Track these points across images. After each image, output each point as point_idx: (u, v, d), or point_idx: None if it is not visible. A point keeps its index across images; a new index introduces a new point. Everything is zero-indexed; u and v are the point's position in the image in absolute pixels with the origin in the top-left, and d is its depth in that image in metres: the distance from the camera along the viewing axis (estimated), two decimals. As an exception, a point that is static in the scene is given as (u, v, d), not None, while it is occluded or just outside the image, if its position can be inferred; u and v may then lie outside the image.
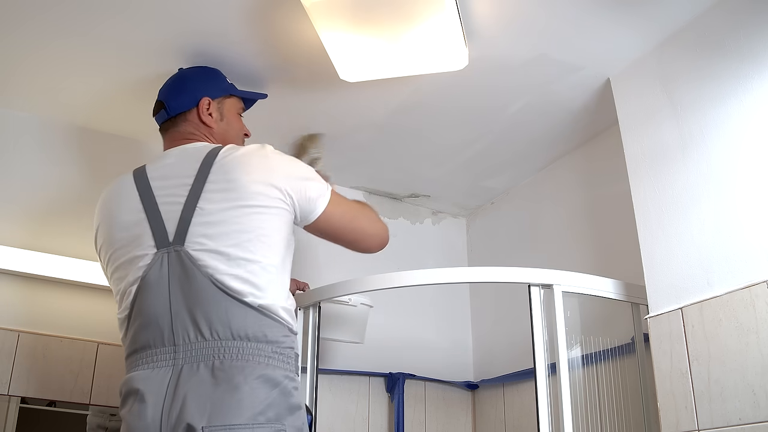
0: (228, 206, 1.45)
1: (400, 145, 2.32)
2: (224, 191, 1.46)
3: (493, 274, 1.86)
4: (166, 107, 1.68)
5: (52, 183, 2.12)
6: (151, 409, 1.32)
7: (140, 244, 1.46)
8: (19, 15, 1.70)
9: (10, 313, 1.94)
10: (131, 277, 1.45)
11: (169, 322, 1.39)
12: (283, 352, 1.40)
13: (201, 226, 1.43)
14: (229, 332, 1.36)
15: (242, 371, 1.33)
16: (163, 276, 1.42)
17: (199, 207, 1.45)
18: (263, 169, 1.50)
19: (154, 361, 1.38)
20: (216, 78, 1.79)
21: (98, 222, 1.59)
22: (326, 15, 1.59)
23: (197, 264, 1.40)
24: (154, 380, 1.35)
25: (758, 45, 1.53)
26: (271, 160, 1.53)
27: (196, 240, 1.42)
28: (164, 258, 1.43)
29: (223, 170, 1.48)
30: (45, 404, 1.98)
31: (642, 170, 1.78)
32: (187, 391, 1.31)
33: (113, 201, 1.57)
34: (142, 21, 1.72)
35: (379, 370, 2.43)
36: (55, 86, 2.02)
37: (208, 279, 1.39)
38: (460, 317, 2.72)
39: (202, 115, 1.67)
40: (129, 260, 1.47)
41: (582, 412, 1.68)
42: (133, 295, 1.44)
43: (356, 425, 2.35)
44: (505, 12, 1.68)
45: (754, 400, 1.38)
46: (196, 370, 1.34)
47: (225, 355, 1.35)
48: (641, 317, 1.77)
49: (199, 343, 1.36)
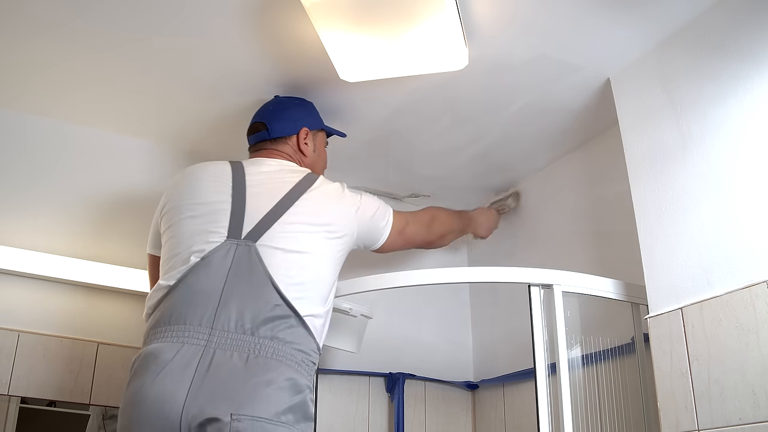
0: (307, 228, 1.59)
1: (400, 145, 2.32)
2: (308, 215, 1.61)
3: (493, 274, 1.86)
4: (269, 129, 1.83)
5: (57, 185, 2.13)
6: (176, 382, 1.33)
7: (216, 224, 1.53)
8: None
9: (10, 313, 1.95)
10: (197, 248, 1.50)
11: (215, 306, 1.43)
12: (308, 364, 1.47)
13: (280, 233, 1.53)
14: (270, 332, 1.42)
15: (276, 369, 1.38)
16: (226, 263, 1.48)
17: (285, 215, 1.57)
18: (341, 207, 1.70)
19: (185, 336, 1.40)
20: (314, 111, 1.96)
21: (178, 185, 1.67)
22: (326, 15, 1.59)
23: (263, 262, 1.48)
24: (184, 356, 1.37)
25: (758, 45, 1.53)
26: (347, 199, 1.73)
27: (270, 242, 1.51)
28: (232, 248, 1.50)
29: (314, 196, 1.65)
30: (45, 404, 1.98)
31: (642, 170, 1.78)
32: (219, 377, 1.34)
33: (205, 173, 1.67)
34: (139, 19, 1.72)
35: (379, 370, 2.43)
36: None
37: (268, 279, 1.46)
38: (460, 317, 2.72)
39: (301, 143, 1.83)
40: (201, 234, 1.53)
41: (582, 412, 1.68)
42: (190, 267, 1.48)
43: (356, 425, 2.35)
44: (505, 12, 1.68)
45: (754, 400, 1.38)
46: (229, 358, 1.37)
47: (260, 351, 1.40)
48: (641, 317, 1.77)
49: (237, 334, 1.40)
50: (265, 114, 1.88)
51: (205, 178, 1.65)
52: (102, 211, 2.17)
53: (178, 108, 2.11)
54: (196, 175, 1.68)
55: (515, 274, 1.78)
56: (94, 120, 2.20)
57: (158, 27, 1.75)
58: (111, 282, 2.05)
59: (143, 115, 2.16)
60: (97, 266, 2.05)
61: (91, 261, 2.06)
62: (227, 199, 1.58)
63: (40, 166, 2.12)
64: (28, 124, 2.14)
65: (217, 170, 1.67)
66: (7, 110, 2.12)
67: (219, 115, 2.13)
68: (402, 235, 1.88)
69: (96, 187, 2.18)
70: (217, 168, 1.68)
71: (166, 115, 2.15)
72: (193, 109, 2.11)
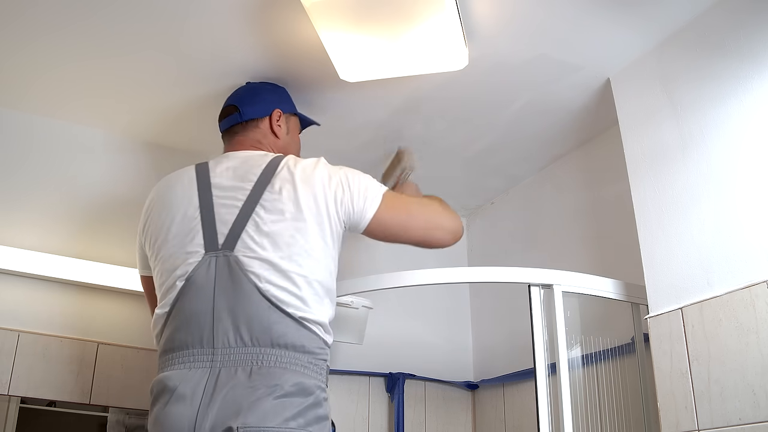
0: (282, 218, 1.48)
1: (399, 145, 2.31)
2: (280, 202, 1.49)
3: (493, 274, 1.86)
4: (240, 111, 1.75)
5: (60, 185, 2.13)
6: (187, 409, 1.33)
7: (191, 241, 1.48)
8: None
9: (10, 313, 1.95)
10: (180, 272, 1.46)
11: (211, 324, 1.40)
12: (317, 363, 1.43)
13: (254, 234, 1.46)
14: (269, 340, 1.38)
15: (280, 377, 1.35)
16: (210, 279, 1.43)
17: (255, 214, 1.48)
18: (316, 184, 1.53)
19: (191, 361, 1.39)
20: (286, 96, 1.89)
21: (150, 210, 1.61)
22: (326, 15, 1.59)
23: (245, 270, 1.42)
24: (191, 380, 1.36)
25: (758, 45, 1.53)
26: (323, 174, 1.55)
27: (247, 247, 1.45)
28: (212, 261, 1.45)
29: (282, 182, 1.52)
30: (45, 404, 1.98)
31: (642, 170, 1.78)
32: (225, 394, 1.33)
33: (171, 191, 1.59)
34: (139, 19, 1.72)
35: (379, 370, 2.43)
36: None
37: (254, 286, 1.41)
38: (460, 317, 2.72)
39: (273, 125, 1.76)
40: (179, 255, 1.48)
41: (582, 412, 1.68)
42: (177, 292, 1.45)
43: (356, 425, 2.36)
44: (504, 12, 1.68)
45: (754, 400, 1.38)
46: (234, 374, 1.35)
47: (263, 361, 1.37)
48: (641, 317, 1.77)
49: (239, 348, 1.38)
50: (236, 98, 1.82)
51: (172, 195, 1.57)
52: (102, 211, 2.16)
53: (177, 109, 2.11)
54: (164, 194, 1.60)
55: (515, 274, 1.78)
56: (94, 120, 2.20)
57: (158, 28, 1.75)
58: (111, 282, 2.05)
59: (142, 116, 2.16)
60: (97, 266, 2.05)
61: (92, 261, 2.05)
62: (196, 213, 1.51)
63: (40, 166, 2.12)
64: (28, 124, 2.14)
65: (182, 183, 1.58)
66: (8, 110, 2.12)
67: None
68: (395, 218, 1.60)
69: (96, 187, 2.18)
70: (182, 180, 1.59)
71: (166, 115, 2.15)
72: (193, 109, 2.11)
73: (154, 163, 2.29)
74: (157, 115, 2.16)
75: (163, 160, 2.30)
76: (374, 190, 1.59)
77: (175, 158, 2.31)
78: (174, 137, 2.28)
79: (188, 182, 1.57)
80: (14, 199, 2.05)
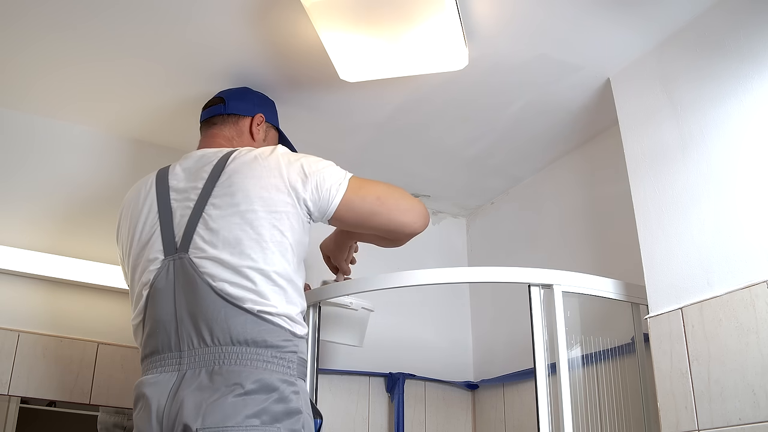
0: (231, 212, 1.45)
1: (400, 145, 2.32)
2: (229, 196, 1.46)
3: (493, 274, 1.86)
4: (226, 103, 1.75)
5: (53, 185, 2.13)
6: (154, 412, 1.34)
7: (152, 249, 1.48)
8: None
9: (10, 313, 1.95)
10: (144, 280, 1.48)
11: (175, 328, 1.41)
12: (283, 357, 1.40)
13: (204, 233, 1.45)
14: (229, 338, 1.38)
15: (239, 375, 1.34)
16: (169, 283, 1.44)
17: (205, 213, 1.46)
18: (270, 172, 1.49)
19: (161, 365, 1.40)
20: (274, 108, 1.90)
21: (119, 220, 1.62)
22: (326, 15, 1.59)
23: (198, 271, 1.42)
24: (160, 385, 1.37)
25: (758, 45, 1.53)
26: (280, 161, 1.51)
27: (198, 247, 1.44)
28: (170, 266, 1.45)
29: (231, 174, 1.49)
30: (45, 404, 1.98)
31: (642, 170, 1.78)
32: (186, 394, 1.33)
33: (134, 201, 1.59)
34: (139, 20, 1.72)
35: (379, 370, 2.43)
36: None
37: (208, 286, 1.41)
38: (460, 317, 2.72)
39: (253, 126, 1.76)
40: (142, 263, 1.49)
41: (582, 412, 1.68)
42: (144, 300, 1.46)
43: (356, 425, 2.35)
44: (505, 12, 1.68)
45: (754, 400, 1.38)
46: (197, 375, 1.36)
47: (224, 360, 1.36)
48: (641, 317, 1.77)
49: (202, 349, 1.38)
50: (226, 92, 1.83)
51: (135, 203, 1.57)
52: (102, 210, 2.16)
53: (177, 109, 2.11)
54: (129, 203, 1.60)
55: (515, 274, 1.78)
56: (93, 120, 2.19)
57: (159, 28, 1.75)
58: (111, 282, 2.05)
59: (142, 116, 2.16)
60: (97, 266, 2.05)
61: (92, 261, 2.05)
62: (155, 218, 1.50)
63: (40, 165, 2.12)
64: (27, 125, 2.14)
65: (144, 190, 1.57)
66: (8, 110, 2.12)
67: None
68: (365, 200, 1.54)
69: (96, 187, 2.18)
70: (144, 187, 1.58)
71: (166, 115, 2.15)
72: (192, 108, 2.11)
73: (154, 163, 2.28)
74: (158, 116, 2.16)
75: (163, 161, 2.29)
76: (338, 175, 1.54)
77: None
78: (174, 137, 2.28)
79: (149, 188, 1.57)
80: (14, 199, 2.05)
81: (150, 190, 1.56)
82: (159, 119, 2.18)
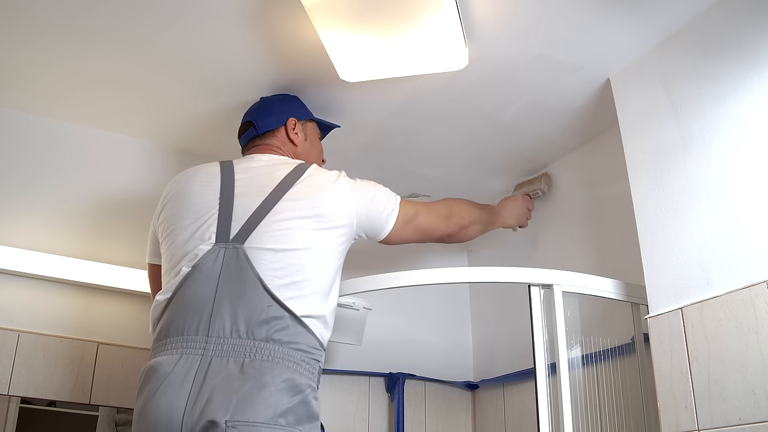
0: (297, 220, 1.53)
1: (400, 145, 2.32)
2: (299, 208, 1.55)
3: (493, 274, 1.86)
4: (256, 126, 1.80)
5: (60, 185, 2.13)
6: (175, 394, 1.33)
7: (205, 230, 1.51)
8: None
9: (10, 313, 1.95)
10: (188, 259, 1.49)
11: (210, 313, 1.42)
12: (310, 362, 1.44)
13: (267, 231, 1.49)
14: (265, 334, 1.40)
15: (271, 372, 1.36)
16: (216, 268, 1.46)
17: (272, 213, 1.52)
18: (334, 192, 1.61)
19: (183, 347, 1.40)
20: (300, 103, 1.94)
21: (169, 195, 1.65)
22: (326, 15, 1.59)
23: (251, 264, 1.45)
24: (182, 366, 1.37)
25: (758, 45, 1.53)
26: (345, 185, 1.65)
27: (258, 242, 1.48)
28: (221, 252, 1.48)
29: (304, 186, 1.58)
30: (45, 404, 1.98)
31: (642, 170, 1.78)
32: (215, 384, 1.33)
33: (193, 180, 1.64)
34: (139, 20, 1.72)
35: (379, 370, 2.43)
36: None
37: (258, 280, 1.44)
38: (460, 317, 2.72)
39: (290, 132, 1.81)
40: (192, 242, 1.51)
41: (582, 412, 1.68)
42: (182, 278, 1.47)
43: (356, 425, 2.36)
44: (505, 12, 1.68)
45: (754, 400, 1.38)
46: (225, 365, 1.36)
47: (256, 354, 1.38)
48: (641, 317, 1.77)
49: (233, 339, 1.39)
50: (251, 113, 1.87)
51: (194, 184, 1.62)
52: (102, 211, 2.17)
53: (178, 107, 2.11)
54: (185, 182, 1.65)
55: (515, 274, 1.78)
56: (94, 120, 2.20)
57: (159, 28, 1.75)
58: (111, 282, 2.05)
59: (142, 114, 2.16)
60: (97, 266, 2.05)
61: (92, 261, 2.05)
62: (215, 203, 1.55)
63: (40, 165, 2.12)
64: (28, 124, 2.14)
65: (206, 174, 1.64)
66: (8, 110, 2.12)
67: (218, 115, 2.13)
68: (412, 225, 1.77)
69: (96, 187, 2.18)
70: (206, 172, 1.65)
71: (166, 114, 2.15)
72: (193, 108, 2.11)
73: (155, 163, 2.29)
74: (158, 115, 2.16)
75: (164, 161, 2.30)
76: (391, 203, 1.73)
77: (176, 158, 2.31)
78: (174, 137, 2.28)
79: (211, 176, 1.63)
80: (14, 199, 2.05)
81: (213, 177, 1.62)
82: (160, 120, 2.18)
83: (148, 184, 2.22)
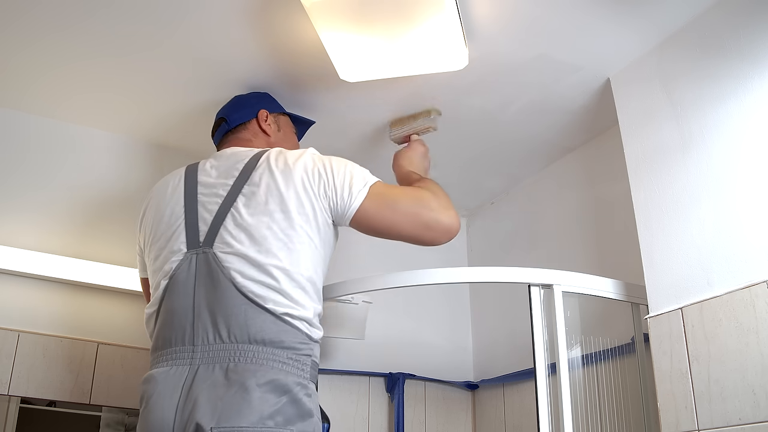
0: (261, 211, 1.47)
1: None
2: (260, 195, 1.48)
3: (493, 274, 1.86)
4: (227, 120, 1.78)
5: (59, 185, 2.13)
6: (165, 406, 1.34)
7: (175, 241, 1.50)
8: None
9: (10, 313, 1.95)
10: (164, 270, 1.49)
11: (192, 322, 1.41)
12: (298, 359, 1.41)
13: (232, 229, 1.46)
14: (247, 336, 1.37)
15: (254, 374, 1.34)
16: (191, 276, 1.45)
17: (234, 209, 1.48)
18: (298, 174, 1.50)
19: (173, 359, 1.40)
20: (270, 97, 1.92)
21: (145, 210, 1.65)
22: (326, 15, 1.59)
23: (222, 267, 1.43)
24: (172, 378, 1.37)
25: (758, 45, 1.53)
26: (307, 163, 1.52)
27: (224, 242, 1.45)
28: (193, 259, 1.46)
29: (262, 173, 1.52)
30: (45, 404, 1.98)
31: (642, 170, 1.78)
32: (200, 391, 1.33)
33: (161, 193, 1.62)
34: (138, 20, 1.72)
35: (379, 370, 2.43)
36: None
37: (231, 282, 1.41)
38: (460, 317, 2.72)
39: (262, 124, 1.79)
40: (164, 254, 1.51)
41: (582, 412, 1.68)
42: (162, 291, 1.47)
43: (356, 425, 2.35)
44: (505, 12, 1.68)
45: (754, 400, 1.38)
46: (211, 372, 1.35)
47: (239, 357, 1.36)
48: (641, 317, 1.77)
49: (217, 344, 1.38)
50: (223, 110, 1.86)
51: (162, 197, 1.60)
52: (102, 211, 2.17)
53: (178, 107, 2.11)
54: (156, 196, 1.63)
55: (515, 274, 1.78)
56: (94, 120, 2.20)
57: (159, 28, 1.75)
58: (111, 282, 2.05)
59: (141, 114, 2.16)
60: (97, 266, 2.05)
61: (92, 261, 2.06)
62: (181, 211, 1.53)
63: (40, 165, 2.12)
64: (27, 124, 2.14)
65: (171, 186, 1.61)
66: (9, 110, 2.12)
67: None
68: (383, 209, 1.53)
69: (96, 187, 2.18)
70: (171, 183, 1.62)
71: (166, 114, 2.15)
72: (193, 108, 2.11)
73: (154, 163, 2.29)
74: (158, 116, 2.16)
75: (162, 161, 2.30)
76: (360, 181, 1.53)
77: (176, 158, 2.31)
78: (174, 137, 2.28)
79: (177, 182, 1.61)
80: (14, 199, 2.05)
81: (179, 183, 1.60)
82: (159, 120, 2.18)
83: (147, 184, 2.21)
